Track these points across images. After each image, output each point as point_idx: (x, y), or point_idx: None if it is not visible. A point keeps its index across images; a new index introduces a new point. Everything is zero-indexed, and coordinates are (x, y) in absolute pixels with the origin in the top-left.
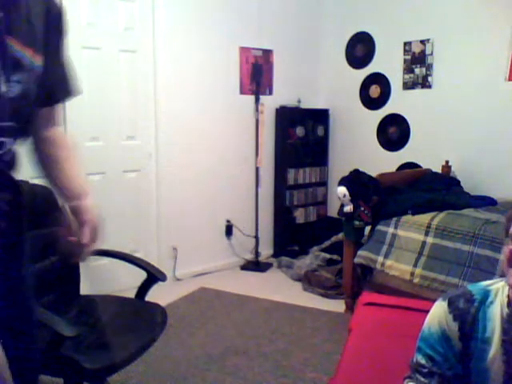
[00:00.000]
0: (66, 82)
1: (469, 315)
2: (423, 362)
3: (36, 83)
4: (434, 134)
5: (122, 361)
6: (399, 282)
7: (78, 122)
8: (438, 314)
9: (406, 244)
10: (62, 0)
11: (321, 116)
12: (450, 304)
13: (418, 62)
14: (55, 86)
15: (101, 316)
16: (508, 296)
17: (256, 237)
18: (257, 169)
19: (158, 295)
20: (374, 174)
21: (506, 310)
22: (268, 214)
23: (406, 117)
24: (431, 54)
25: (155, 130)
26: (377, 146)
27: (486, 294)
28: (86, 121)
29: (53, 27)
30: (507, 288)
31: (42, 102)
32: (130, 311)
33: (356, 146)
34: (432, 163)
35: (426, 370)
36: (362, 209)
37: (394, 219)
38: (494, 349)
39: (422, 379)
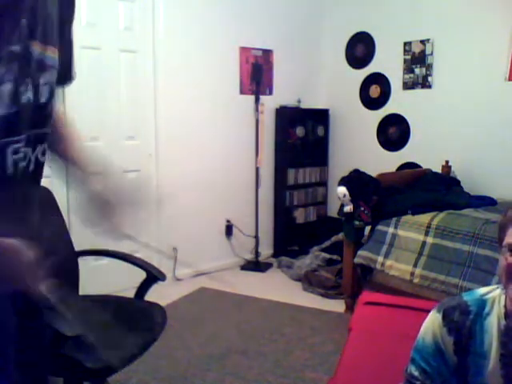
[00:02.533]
0: (70, 66)
1: (464, 328)
2: (416, 373)
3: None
4: (434, 134)
5: (122, 361)
6: (399, 282)
7: (77, 122)
8: (432, 325)
9: (406, 244)
10: None
11: (321, 116)
12: (444, 316)
13: (418, 62)
14: (62, 70)
15: (101, 316)
16: (505, 307)
17: (256, 237)
18: (257, 169)
19: (158, 295)
20: (374, 174)
21: (503, 322)
22: (268, 214)
23: (405, 117)
24: (431, 54)
25: (155, 130)
26: (377, 146)
27: (482, 304)
28: (86, 121)
29: (65, 13)
30: (504, 297)
31: None
32: (130, 311)
33: (356, 146)
34: (432, 163)
35: (418, 383)
36: (362, 209)
37: (394, 219)
38: (492, 363)
39: None
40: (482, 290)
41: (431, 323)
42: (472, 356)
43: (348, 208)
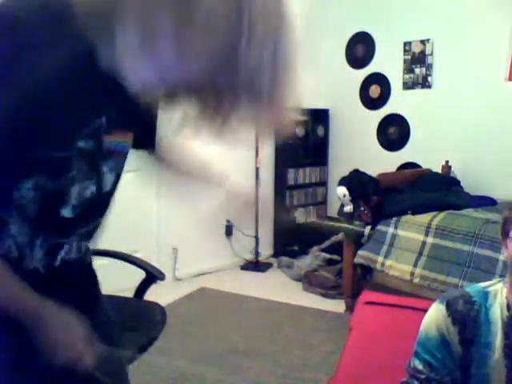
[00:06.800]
0: (152, 136)
1: (469, 318)
2: (420, 367)
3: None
4: (434, 134)
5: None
6: (399, 282)
7: None
8: (435, 317)
9: (406, 244)
10: None
11: (321, 116)
12: (448, 306)
13: (418, 62)
14: (141, 138)
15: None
16: (507, 298)
17: (256, 237)
18: (257, 169)
19: (157, 295)
20: (374, 174)
21: (506, 313)
22: (268, 214)
23: (406, 117)
24: (431, 54)
25: None
26: (377, 146)
27: (485, 295)
28: None
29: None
30: (505, 290)
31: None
32: (130, 311)
33: (356, 146)
34: (432, 163)
35: (423, 376)
36: (362, 209)
37: (394, 219)
38: (496, 354)
39: None
40: (484, 284)
41: (435, 315)
42: (477, 346)
43: (348, 208)
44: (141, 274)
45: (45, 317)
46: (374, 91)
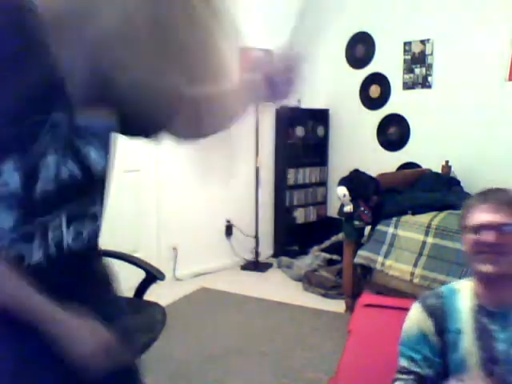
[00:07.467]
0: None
1: (439, 309)
2: (405, 364)
3: None
4: (434, 134)
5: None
6: (399, 282)
7: None
8: (414, 315)
9: (405, 244)
10: None
11: (321, 116)
12: (422, 303)
13: (418, 62)
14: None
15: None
16: (474, 290)
17: (256, 237)
18: (257, 169)
19: (158, 295)
20: (374, 174)
21: (475, 302)
22: (268, 214)
23: (405, 117)
24: (431, 54)
25: None
26: (377, 146)
27: (453, 289)
28: None
29: None
30: (473, 284)
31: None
32: (130, 310)
33: (356, 146)
34: (432, 163)
35: (406, 370)
36: (362, 209)
37: (394, 219)
38: (468, 337)
39: (404, 377)
40: (454, 282)
41: (413, 314)
42: (448, 333)
43: (348, 208)
44: (141, 274)
45: (61, 322)
46: (374, 91)
